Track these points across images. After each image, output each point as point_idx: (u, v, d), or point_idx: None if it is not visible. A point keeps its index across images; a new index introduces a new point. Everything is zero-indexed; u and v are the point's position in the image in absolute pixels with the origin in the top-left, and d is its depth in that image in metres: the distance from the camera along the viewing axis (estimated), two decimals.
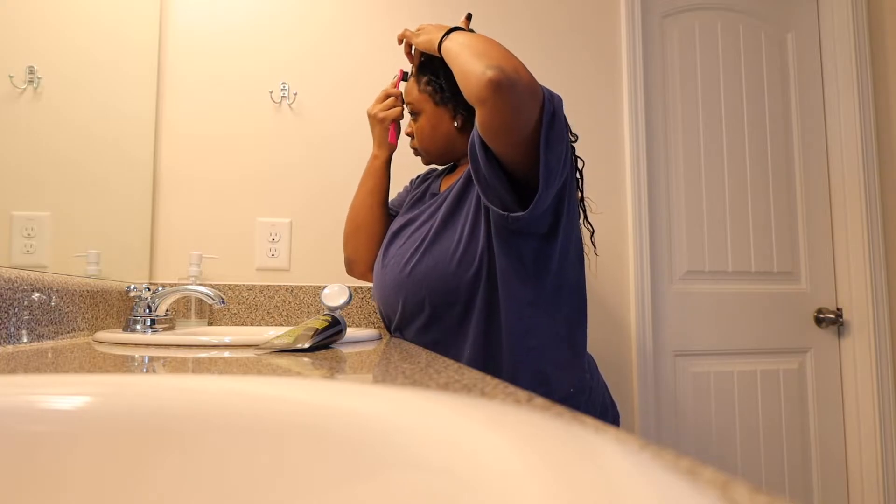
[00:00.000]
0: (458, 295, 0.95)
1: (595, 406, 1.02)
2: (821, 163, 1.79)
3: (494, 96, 0.79)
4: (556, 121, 0.83)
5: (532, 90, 0.81)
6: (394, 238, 1.08)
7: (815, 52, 1.82)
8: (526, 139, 0.83)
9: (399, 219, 1.12)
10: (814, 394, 1.69)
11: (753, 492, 0.17)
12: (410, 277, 0.98)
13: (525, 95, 0.80)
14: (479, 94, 0.81)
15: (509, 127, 0.82)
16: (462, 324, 0.96)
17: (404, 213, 1.12)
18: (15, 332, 0.78)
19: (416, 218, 1.07)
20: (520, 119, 0.81)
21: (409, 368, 0.51)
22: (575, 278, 0.98)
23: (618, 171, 1.61)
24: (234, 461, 0.30)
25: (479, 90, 0.80)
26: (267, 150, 1.45)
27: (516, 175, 0.88)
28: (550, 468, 0.18)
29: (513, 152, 0.85)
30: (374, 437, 0.27)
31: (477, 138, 0.86)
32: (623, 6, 1.64)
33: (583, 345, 0.99)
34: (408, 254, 1.00)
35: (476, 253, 0.94)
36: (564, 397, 0.96)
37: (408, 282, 0.98)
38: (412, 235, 1.03)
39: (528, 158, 0.85)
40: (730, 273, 1.69)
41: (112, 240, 1.20)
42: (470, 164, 0.91)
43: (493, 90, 0.79)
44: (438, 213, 1.01)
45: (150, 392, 0.33)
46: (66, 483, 0.31)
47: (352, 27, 1.51)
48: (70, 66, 1.05)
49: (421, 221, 1.05)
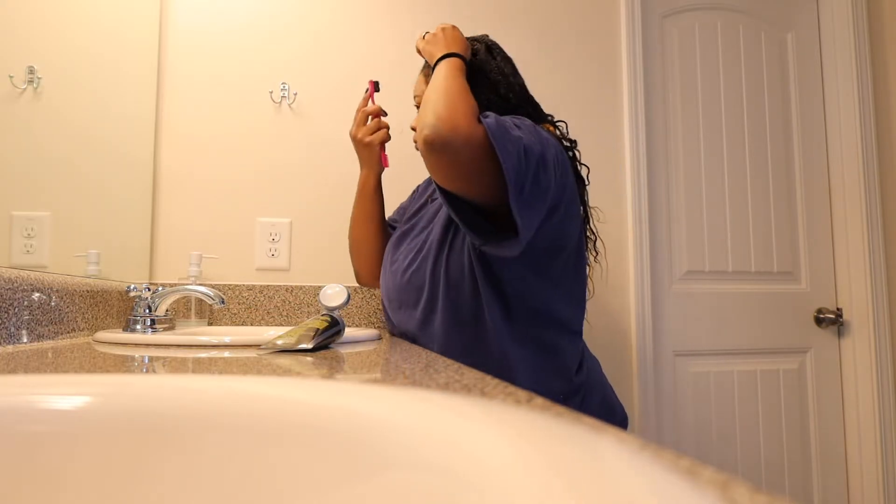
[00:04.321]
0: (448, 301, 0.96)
1: (593, 407, 1.02)
2: (821, 163, 1.79)
3: (427, 155, 0.81)
4: (534, 174, 0.80)
5: (473, 148, 0.79)
6: (397, 244, 1.10)
7: (815, 52, 1.82)
8: (490, 187, 0.82)
9: (403, 225, 1.14)
10: (814, 394, 1.69)
11: (753, 492, 0.17)
12: (410, 284, 1.00)
13: (463, 154, 0.79)
14: (419, 148, 0.83)
15: (453, 180, 0.83)
16: (448, 331, 0.97)
17: (408, 220, 1.14)
18: (15, 332, 0.78)
19: (417, 224, 1.09)
20: (462, 173, 0.81)
21: (409, 368, 0.51)
22: (572, 291, 0.98)
23: (618, 171, 1.61)
24: (234, 461, 0.30)
25: (419, 144, 0.83)
26: (267, 151, 1.45)
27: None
28: (550, 468, 0.18)
29: (479, 199, 0.86)
30: (374, 436, 0.27)
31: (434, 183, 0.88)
32: (623, 6, 1.64)
33: (571, 353, 0.99)
34: (406, 261, 1.03)
35: (463, 263, 0.95)
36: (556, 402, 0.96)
37: (407, 287, 1.01)
38: (412, 241, 1.06)
39: (500, 202, 0.83)
40: (730, 273, 1.69)
41: (112, 240, 1.20)
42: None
43: (426, 149, 0.81)
44: (436, 220, 1.02)
45: (150, 392, 0.33)
46: (66, 483, 0.31)
47: (352, 27, 1.51)
48: (70, 67, 1.05)
49: (420, 228, 1.07)
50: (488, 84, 0.97)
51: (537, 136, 0.84)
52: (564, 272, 0.95)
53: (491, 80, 0.97)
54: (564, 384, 0.98)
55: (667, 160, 1.68)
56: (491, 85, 0.97)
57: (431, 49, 0.96)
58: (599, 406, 1.03)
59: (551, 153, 0.84)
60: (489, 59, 0.99)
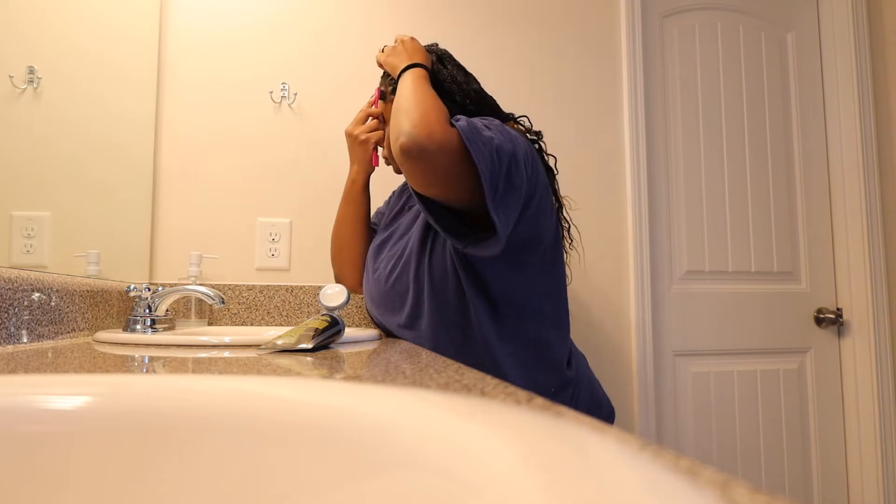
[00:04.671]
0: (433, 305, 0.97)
1: (582, 401, 1.03)
2: (821, 163, 1.79)
3: (405, 163, 0.81)
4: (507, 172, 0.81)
5: (448, 152, 0.79)
6: (378, 252, 1.12)
7: (815, 52, 1.82)
8: (466, 189, 0.82)
9: (381, 232, 1.15)
10: (814, 394, 1.69)
11: (753, 492, 0.17)
12: (394, 290, 1.02)
13: (439, 158, 0.80)
14: (395, 157, 0.83)
15: (430, 186, 0.83)
16: (437, 333, 0.97)
17: (386, 227, 1.15)
18: (15, 332, 0.78)
19: (395, 231, 1.10)
20: (440, 177, 0.82)
21: (409, 368, 0.51)
22: (552, 283, 0.99)
23: (618, 171, 1.61)
24: (233, 461, 0.30)
25: (395, 154, 0.82)
26: (267, 151, 1.45)
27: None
28: (550, 468, 0.18)
29: (456, 202, 0.86)
30: (374, 436, 0.27)
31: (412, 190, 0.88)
32: (623, 6, 1.64)
33: (559, 346, 1.00)
34: (388, 267, 1.04)
35: (446, 265, 0.95)
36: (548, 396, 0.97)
37: (391, 293, 1.02)
38: (392, 248, 1.07)
39: (476, 204, 0.84)
40: (730, 273, 1.69)
41: (112, 240, 1.20)
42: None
43: (404, 157, 0.81)
44: (415, 226, 1.03)
45: (150, 392, 0.33)
46: (66, 483, 0.31)
47: (352, 27, 1.51)
48: (70, 66, 1.05)
49: (399, 235, 1.08)
50: (444, 93, 0.97)
51: (507, 135, 0.85)
52: (542, 266, 0.96)
53: (446, 90, 0.98)
54: (556, 378, 0.99)
55: (667, 160, 1.68)
56: (447, 94, 0.98)
57: (394, 61, 0.98)
58: (588, 400, 1.05)
59: (521, 150, 0.86)
60: (441, 69, 1.00)
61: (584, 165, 1.59)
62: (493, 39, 1.57)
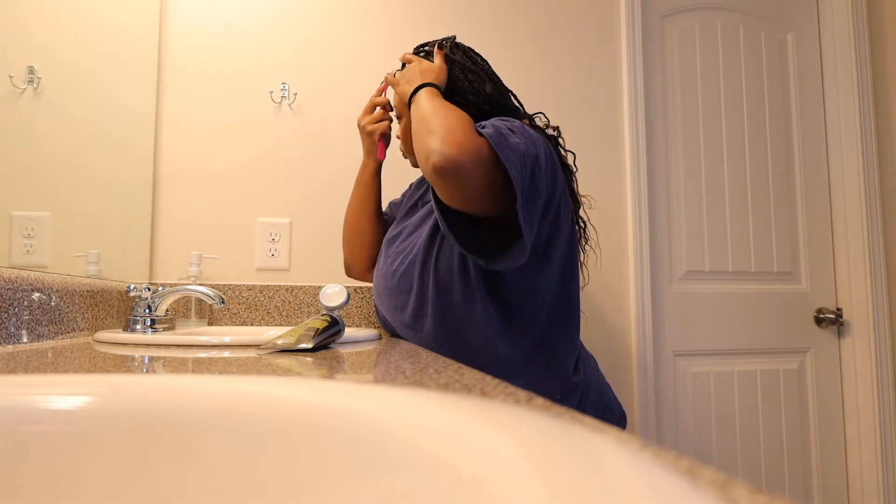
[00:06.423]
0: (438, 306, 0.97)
1: (590, 405, 1.02)
2: (821, 163, 1.79)
3: (440, 182, 0.79)
4: (531, 177, 0.81)
5: (481, 164, 0.78)
6: (388, 246, 1.11)
7: (815, 52, 1.82)
8: (497, 198, 0.81)
9: (395, 226, 1.14)
10: (814, 394, 1.69)
11: (753, 492, 0.17)
12: (398, 287, 1.01)
13: (475, 173, 0.78)
14: (428, 178, 0.81)
15: (467, 201, 0.82)
16: (440, 334, 0.97)
17: (400, 221, 1.14)
18: (15, 332, 0.78)
19: (406, 228, 1.09)
20: (476, 190, 0.80)
21: (409, 368, 0.51)
22: (564, 285, 0.98)
23: (618, 171, 1.61)
24: (233, 461, 0.30)
25: (427, 174, 0.80)
26: (267, 151, 1.45)
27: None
28: (550, 468, 0.18)
29: (484, 212, 0.85)
30: (375, 436, 0.27)
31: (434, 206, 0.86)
32: (623, 6, 1.64)
33: (567, 351, 0.99)
34: (395, 264, 1.04)
35: (452, 268, 0.94)
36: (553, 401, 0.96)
37: (396, 290, 1.02)
38: (401, 244, 1.07)
39: (499, 211, 0.83)
40: (730, 273, 1.69)
41: (112, 240, 1.20)
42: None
43: (438, 177, 0.78)
44: (424, 225, 1.03)
45: (150, 392, 0.33)
46: (66, 483, 0.31)
47: (352, 27, 1.51)
48: (70, 66, 1.05)
49: (408, 232, 1.07)
50: (456, 92, 0.97)
51: (529, 137, 0.84)
52: (557, 268, 0.95)
53: (458, 88, 0.98)
54: (561, 384, 0.98)
55: (667, 160, 1.68)
56: (459, 92, 0.97)
57: (402, 89, 0.97)
58: (597, 405, 1.03)
59: (542, 153, 0.85)
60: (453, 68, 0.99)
61: (584, 165, 1.59)
62: (492, 39, 1.57)
